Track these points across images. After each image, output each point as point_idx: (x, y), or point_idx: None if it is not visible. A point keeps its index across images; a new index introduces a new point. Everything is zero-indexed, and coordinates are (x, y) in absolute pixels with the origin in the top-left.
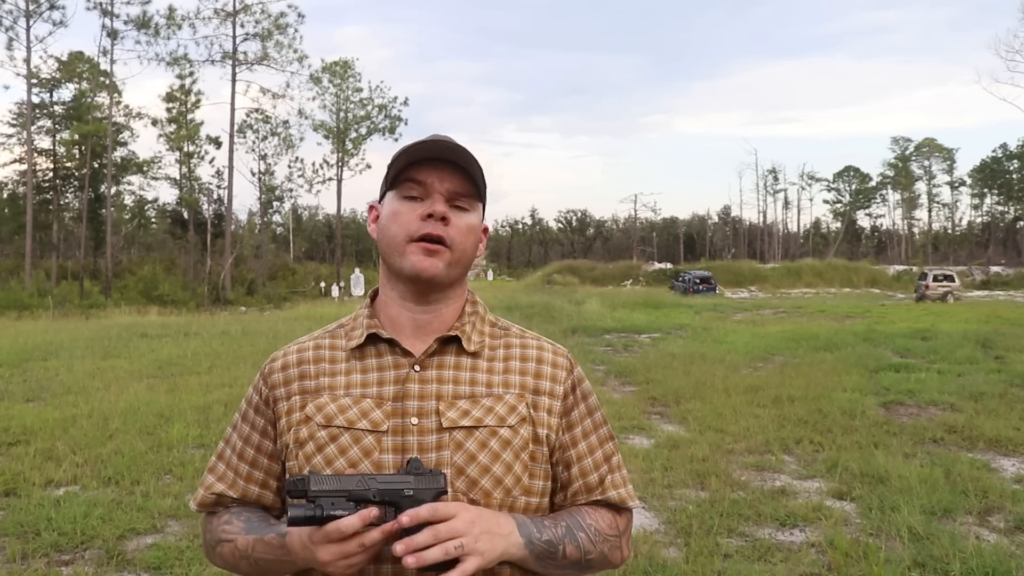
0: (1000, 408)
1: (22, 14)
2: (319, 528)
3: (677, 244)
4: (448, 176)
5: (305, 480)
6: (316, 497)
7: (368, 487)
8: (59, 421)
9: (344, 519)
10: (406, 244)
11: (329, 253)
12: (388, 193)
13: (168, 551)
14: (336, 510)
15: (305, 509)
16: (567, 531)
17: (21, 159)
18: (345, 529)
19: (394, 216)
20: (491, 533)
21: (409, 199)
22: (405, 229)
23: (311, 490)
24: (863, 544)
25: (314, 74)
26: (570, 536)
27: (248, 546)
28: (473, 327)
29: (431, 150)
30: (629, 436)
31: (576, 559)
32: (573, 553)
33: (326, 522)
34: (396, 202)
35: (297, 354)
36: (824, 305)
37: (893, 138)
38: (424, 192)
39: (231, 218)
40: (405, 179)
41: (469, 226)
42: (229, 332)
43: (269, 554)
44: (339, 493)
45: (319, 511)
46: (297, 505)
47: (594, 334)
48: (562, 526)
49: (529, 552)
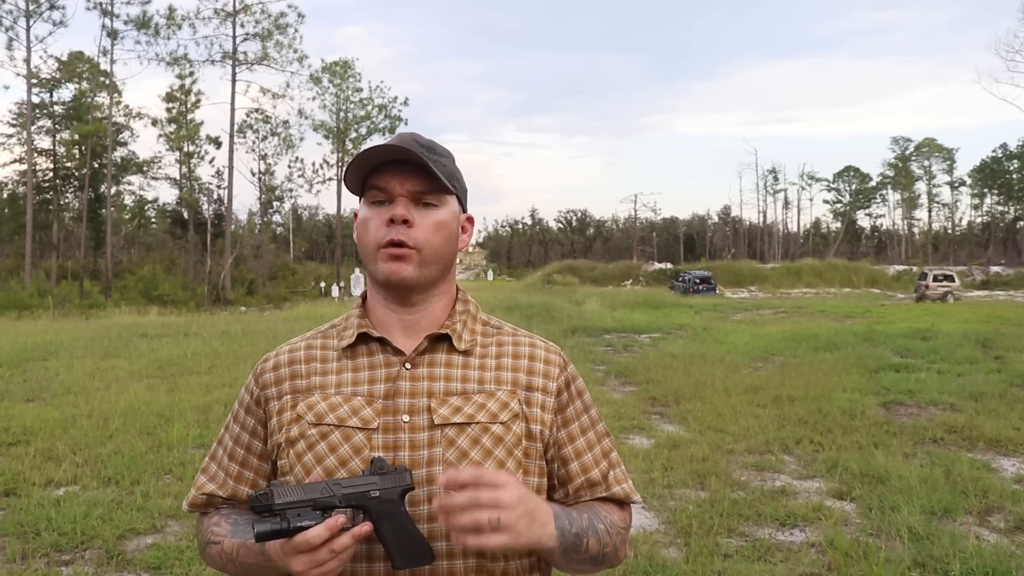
0: (1000, 408)
1: (22, 14)
2: (288, 540)
3: (677, 244)
4: (408, 177)
5: (268, 494)
6: (282, 510)
7: (333, 493)
8: (59, 421)
9: (311, 531)
10: (376, 251)
11: (329, 253)
12: (360, 200)
13: (168, 551)
14: (303, 521)
15: (271, 523)
16: (590, 524)
17: (21, 159)
18: (312, 540)
19: (364, 224)
20: (531, 517)
21: (376, 204)
22: (373, 236)
23: (276, 503)
24: (863, 544)
25: (314, 74)
26: (592, 529)
27: (233, 550)
28: (464, 325)
29: (387, 153)
30: (629, 436)
31: (596, 553)
32: (594, 546)
33: (294, 534)
34: (365, 209)
35: (289, 354)
36: (824, 305)
37: (893, 138)
38: (388, 196)
39: (231, 218)
40: (370, 186)
41: (437, 223)
42: (229, 332)
43: (252, 559)
44: (304, 503)
45: (285, 523)
46: (263, 519)
47: (594, 334)
48: (585, 518)
49: (560, 544)
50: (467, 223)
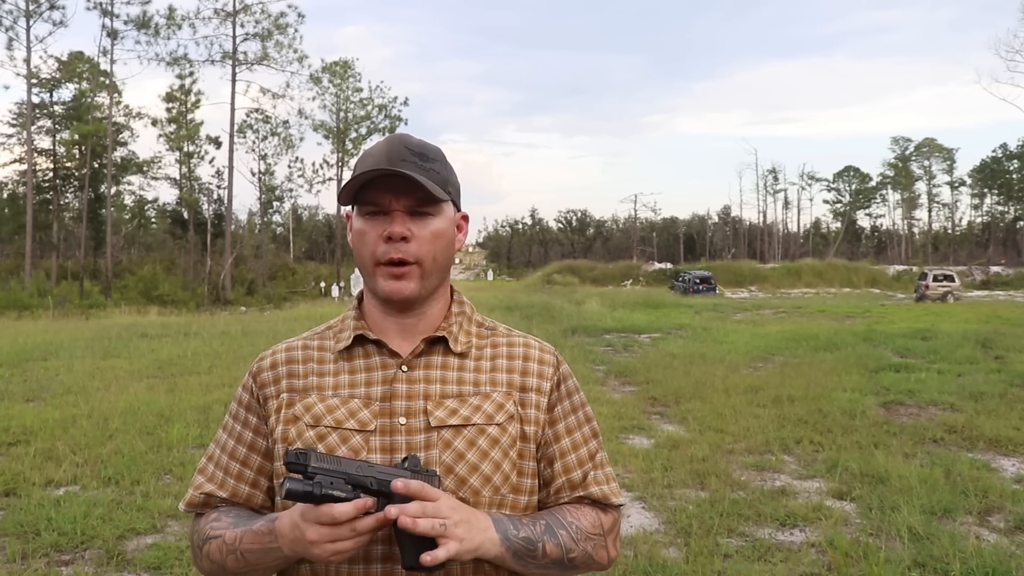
0: (1000, 408)
1: (22, 14)
2: (313, 507)
3: (677, 244)
4: (402, 191)
5: (307, 455)
6: (315, 474)
7: (367, 474)
8: (59, 421)
9: (339, 505)
10: (374, 267)
11: (329, 253)
12: (353, 209)
13: (168, 551)
14: (334, 490)
15: (304, 484)
16: (546, 528)
17: (21, 159)
18: (339, 516)
19: (360, 236)
20: (469, 524)
21: (371, 215)
22: (371, 251)
23: (311, 465)
24: (863, 544)
25: (314, 74)
26: (550, 534)
27: (236, 539)
28: (460, 327)
29: (379, 173)
30: (629, 436)
31: (558, 557)
32: (554, 551)
33: (322, 501)
34: (359, 220)
35: (286, 353)
36: (824, 305)
37: (893, 138)
38: (383, 209)
39: (231, 218)
40: (364, 199)
41: (435, 232)
42: (229, 332)
43: (257, 543)
44: (338, 474)
45: (317, 488)
46: (295, 478)
47: (594, 334)
48: (541, 524)
49: (506, 549)
50: (462, 221)
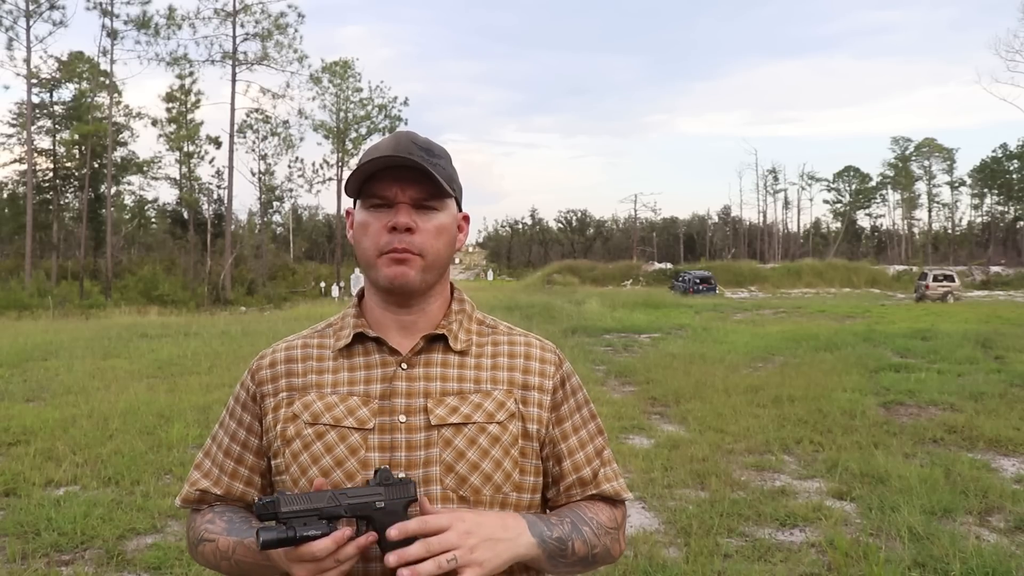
0: (1000, 408)
1: (22, 14)
2: (294, 548)
3: (677, 244)
4: (409, 183)
5: (275, 502)
6: (288, 518)
7: (339, 503)
8: (59, 421)
9: (317, 543)
10: (377, 258)
11: (329, 253)
12: (357, 202)
13: (168, 551)
14: (309, 530)
15: (277, 531)
16: (573, 527)
17: (21, 159)
18: (319, 553)
19: (363, 228)
20: (493, 540)
21: (375, 208)
22: (374, 242)
23: (282, 511)
24: (863, 544)
25: (314, 74)
26: (576, 532)
27: (229, 548)
28: (460, 325)
29: (388, 160)
30: (629, 436)
31: (584, 554)
32: (581, 548)
33: (300, 543)
34: (363, 213)
35: (285, 351)
36: (824, 305)
37: (893, 138)
38: (388, 202)
39: (231, 218)
40: (369, 191)
41: (439, 227)
42: (229, 332)
43: (249, 557)
44: (310, 512)
45: (291, 532)
46: (268, 527)
47: (594, 334)
48: (567, 522)
49: (542, 551)
50: (463, 222)
